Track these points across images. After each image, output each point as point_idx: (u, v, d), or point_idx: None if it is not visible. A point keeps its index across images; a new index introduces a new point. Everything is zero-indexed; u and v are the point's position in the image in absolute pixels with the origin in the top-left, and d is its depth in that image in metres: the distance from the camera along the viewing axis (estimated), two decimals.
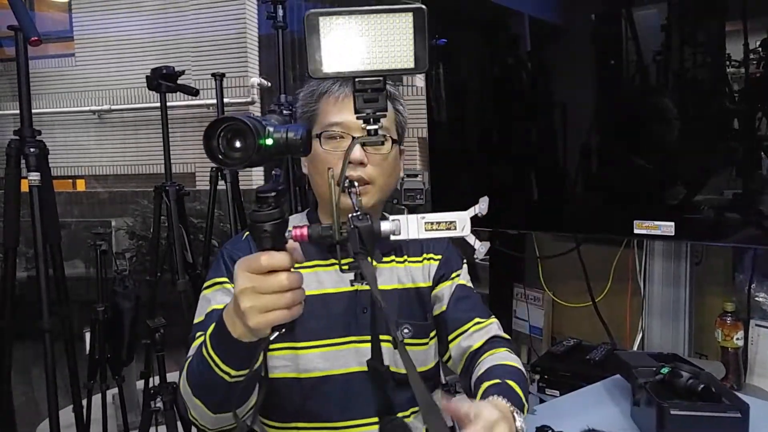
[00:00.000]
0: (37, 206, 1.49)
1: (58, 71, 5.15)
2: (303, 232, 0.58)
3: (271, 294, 0.58)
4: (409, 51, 0.53)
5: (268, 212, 0.56)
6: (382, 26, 0.53)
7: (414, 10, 0.53)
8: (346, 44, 0.53)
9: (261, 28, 4.80)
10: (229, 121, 0.52)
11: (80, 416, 1.73)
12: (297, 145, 0.54)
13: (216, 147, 0.52)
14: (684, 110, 1.40)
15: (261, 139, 0.52)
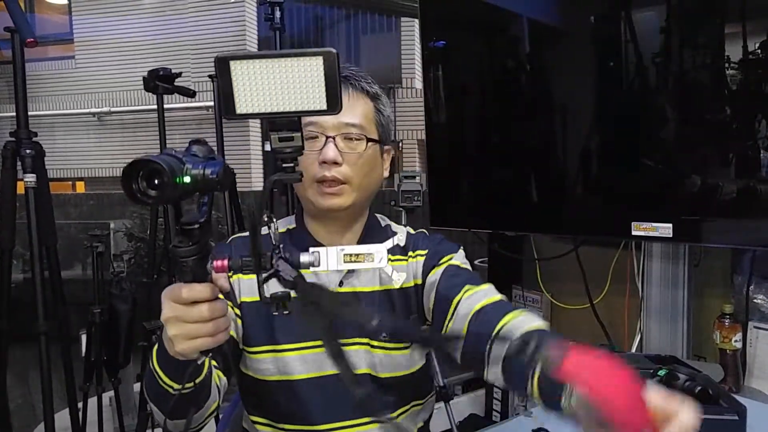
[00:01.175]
0: (33, 208, 1.49)
1: (58, 73, 5.16)
2: (224, 263, 0.60)
3: (193, 323, 0.61)
4: (321, 93, 0.55)
5: (187, 248, 0.58)
6: (293, 70, 0.54)
7: (324, 54, 0.54)
8: (257, 87, 0.54)
9: (260, 30, 4.81)
10: (146, 163, 0.53)
11: (76, 419, 1.72)
12: (213, 182, 0.55)
13: (135, 188, 0.53)
14: (683, 112, 1.40)
15: (177, 177, 0.53)
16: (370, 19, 5.31)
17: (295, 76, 0.54)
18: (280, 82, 0.54)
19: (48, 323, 1.49)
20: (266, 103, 0.55)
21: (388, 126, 0.95)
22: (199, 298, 0.60)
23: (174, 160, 0.54)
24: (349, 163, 0.88)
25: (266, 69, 0.54)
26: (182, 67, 2.02)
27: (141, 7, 4.91)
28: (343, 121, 0.87)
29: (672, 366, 0.98)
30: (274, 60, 0.54)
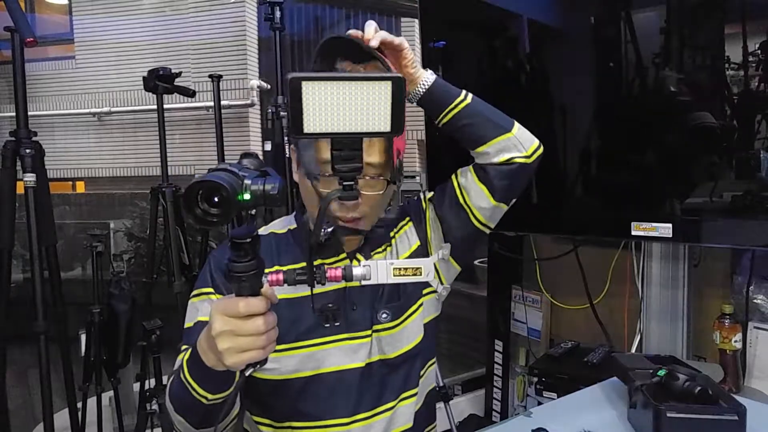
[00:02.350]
0: (33, 208, 1.49)
1: (58, 73, 5.16)
2: (279, 277, 0.61)
3: (248, 336, 0.61)
4: (386, 116, 0.57)
5: (245, 263, 0.58)
6: (362, 93, 0.56)
7: (393, 79, 0.56)
8: (326, 108, 0.56)
9: (261, 30, 4.81)
10: (206, 182, 0.53)
11: (75, 419, 1.72)
12: (274, 198, 0.56)
13: (198, 210, 0.54)
14: (682, 112, 1.40)
15: (239, 194, 0.54)
16: (370, 19, 5.31)
17: (363, 98, 0.56)
18: (348, 103, 0.56)
19: (47, 323, 1.48)
20: (333, 124, 0.56)
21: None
22: (256, 311, 0.60)
23: (231, 176, 0.55)
24: (368, 202, 0.87)
25: (336, 91, 0.55)
26: (182, 67, 2.02)
27: (141, 7, 4.90)
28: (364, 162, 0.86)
29: (672, 366, 0.97)
30: (345, 83, 0.55)
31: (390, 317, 0.92)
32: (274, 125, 2.00)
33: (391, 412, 0.93)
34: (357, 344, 0.90)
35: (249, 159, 0.61)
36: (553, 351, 1.76)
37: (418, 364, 0.96)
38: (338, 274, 0.62)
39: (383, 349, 0.92)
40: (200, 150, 4.73)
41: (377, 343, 0.91)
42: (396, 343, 0.92)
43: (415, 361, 0.95)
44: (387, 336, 0.92)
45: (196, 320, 0.87)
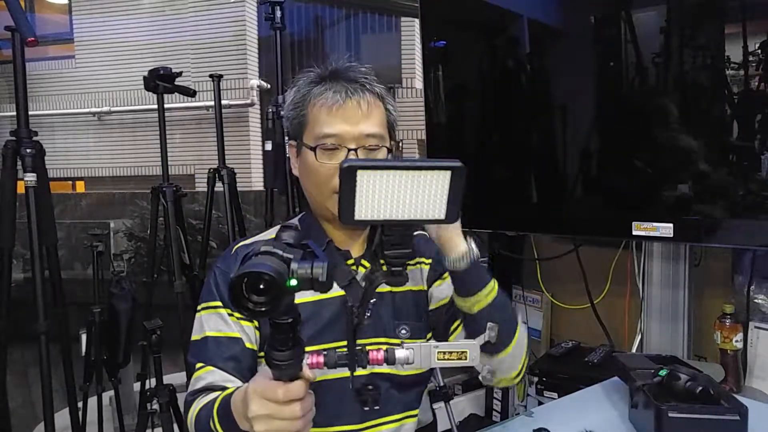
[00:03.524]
0: (34, 207, 1.49)
1: (58, 73, 5.15)
2: (319, 360, 0.60)
3: (285, 421, 0.61)
4: (442, 205, 0.55)
5: (286, 352, 0.56)
6: (420, 182, 0.54)
7: (453, 169, 0.54)
8: (380, 196, 0.54)
9: (261, 30, 4.80)
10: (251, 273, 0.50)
11: (76, 418, 1.72)
12: (323, 285, 0.52)
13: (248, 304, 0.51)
14: (683, 112, 1.40)
15: (287, 281, 0.51)
16: (371, 19, 5.30)
17: (420, 187, 0.54)
18: (404, 191, 0.54)
19: (48, 323, 1.48)
20: (386, 211, 0.55)
21: (395, 125, 0.94)
22: (295, 397, 0.60)
23: (277, 260, 0.52)
24: None
25: (393, 179, 0.53)
26: (182, 67, 2.01)
27: (141, 7, 4.90)
28: (363, 132, 0.86)
29: (673, 366, 0.98)
30: (404, 172, 0.53)
31: (408, 334, 0.91)
32: (274, 125, 2.00)
33: (398, 424, 0.92)
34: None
35: (288, 232, 0.57)
36: (554, 351, 1.76)
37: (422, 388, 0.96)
38: (380, 357, 0.61)
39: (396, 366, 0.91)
40: (200, 149, 4.73)
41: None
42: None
43: (422, 385, 0.96)
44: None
45: (203, 335, 0.87)
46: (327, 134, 0.86)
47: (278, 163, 1.98)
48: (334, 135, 0.86)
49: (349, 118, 0.86)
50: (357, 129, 0.86)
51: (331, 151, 0.86)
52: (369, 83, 0.89)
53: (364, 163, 0.53)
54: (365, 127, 0.86)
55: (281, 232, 0.58)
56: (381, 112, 0.90)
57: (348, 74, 0.90)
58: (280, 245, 0.54)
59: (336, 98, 0.86)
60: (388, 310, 0.91)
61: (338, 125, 0.86)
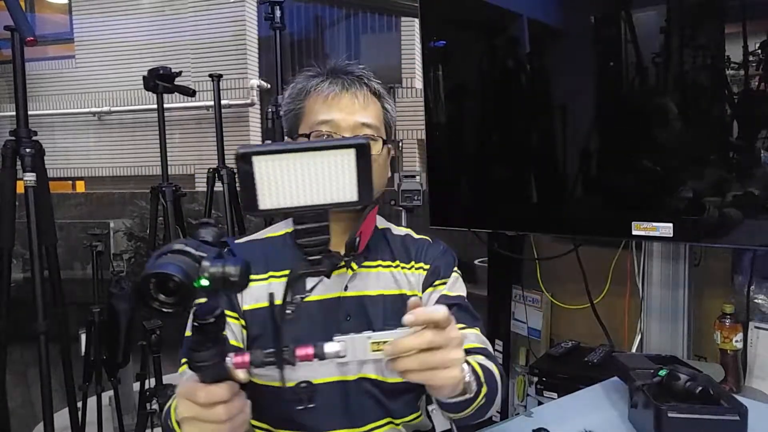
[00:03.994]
0: (33, 207, 1.49)
1: (58, 73, 5.16)
2: (245, 360, 0.56)
3: (210, 423, 0.58)
4: (352, 186, 0.52)
5: (206, 352, 0.54)
6: (323, 163, 0.51)
7: (357, 146, 0.51)
8: (283, 182, 0.51)
9: (261, 30, 4.81)
10: (157, 273, 0.48)
11: (75, 418, 1.72)
12: (236, 284, 0.50)
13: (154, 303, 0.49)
14: (683, 112, 1.40)
15: (196, 281, 0.49)
16: (370, 19, 5.31)
17: (323, 169, 0.51)
18: (308, 176, 0.51)
19: (47, 323, 1.48)
20: (292, 198, 0.51)
21: (393, 125, 0.94)
22: (217, 400, 0.57)
23: (187, 259, 0.49)
24: None
25: (293, 163, 0.50)
26: (182, 67, 2.01)
27: (141, 7, 4.90)
28: (359, 121, 0.86)
29: (672, 366, 0.97)
30: (302, 154, 0.50)
31: None
32: (274, 125, 2.00)
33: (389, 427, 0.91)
34: None
35: (207, 229, 0.55)
36: (554, 351, 1.76)
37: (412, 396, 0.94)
38: (309, 353, 0.57)
39: (383, 370, 0.89)
40: (200, 149, 4.72)
41: (375, 362, 0.88)
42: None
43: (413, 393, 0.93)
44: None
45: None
46: (322, 121, 0.85)
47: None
48: (329, 121, 0.85)
49: (345, 107, 0.85)
50: (353, 117, 0.85)
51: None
52: (367, 78, 0.89)
53: (260, 148, 0.50)
54: (361, 117, 0.86)
55: (201, 229, 0.56)
56: (378, 108, 0.89)
57: (346, 69, 0.89)
58: (195, 243, 0.52)
59: (332, 88, 0.86)
60: (378, 313, 0.89)
61: (334, 113, 0.85)
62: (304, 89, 0.89)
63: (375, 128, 0.87)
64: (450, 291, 0.93)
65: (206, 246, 0.52)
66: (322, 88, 0.87)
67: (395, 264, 0.94)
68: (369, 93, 0.88)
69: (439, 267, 0.94)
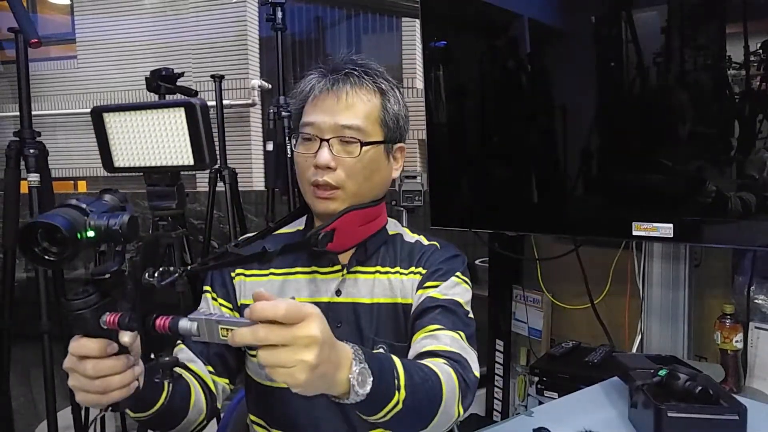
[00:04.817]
0: (37, 207, 1.50)
1: (60, 73, 5.17)
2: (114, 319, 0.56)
3: (83, 378, 0.58)
4: (186, 148, 0.52)
5: (79, 300, 0.55)
6: (159, 123, 0.52)
7: (186, 106, 0.51)
8: (130, 141, 0.53)
9: (261, 30, 4.81)
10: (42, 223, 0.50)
11: (78, 417, 1.73)
12: (116, 234, 0.52)
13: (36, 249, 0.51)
14: (684, 112, 1.41)
15: (79, 232, 0.51)
16: (371, 19, 5.31)
17: (161, 129, 0.52)
18: (149, 135, 0.53)
19: (51, 322, 1.49)
20: (142, 157, 0.54)
21: (399, 123, 0.90)
22: (86, 354, 0.57)
23: (76, 212, 0.52)
24: (344, 167, 0.84)
25: (136, 121, 0.53)
26: (183, 67, 2.03)
27: (142, 8, 4.91)
28: (339, 123, 0.83)
29: (672, 366, 0.98)
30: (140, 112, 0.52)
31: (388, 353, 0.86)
32: (275, 125, 2.01)
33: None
34: None
35: (110, 195, 0.57)
36: (554, 351, 1.76)
37: None
38: (166, 324, 0.57)
39: None
40: None
41: None
42: None
43: None
44: None
45: None
46: (305, 123, 0.85)
47: (279, 163, 1.99)
48: (311, 124, 0.85)
49: (327, 108, 0.84)
50: (333, 119, 0.83)
51: (308, 142, 0.85)
52: (359, 76, 0.86)
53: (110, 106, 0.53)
54: (342, 118, 0.83)
55: (103, 193, 0.58)
56: (370, 105, 0.85)
57: (342, 66, 0.87)
58: (89, 200, 0.54)
59: (320, 87, 0.85)
60: (370, 323, 0.87)
61: (317, 115, 0.84)
62: (302, 92, 0.88)
63: (357, 129, 0.84)
64: (441, 293, 0.87)
65: (99, 203, 0.55)
66: (314, 89, 0.86)
67: (394, 270, 0.91)
68: (360, 90, 0.85)
69: (437, 270, 0.90)
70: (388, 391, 0.65)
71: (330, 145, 0.84)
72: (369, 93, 0.86)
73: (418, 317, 0.86)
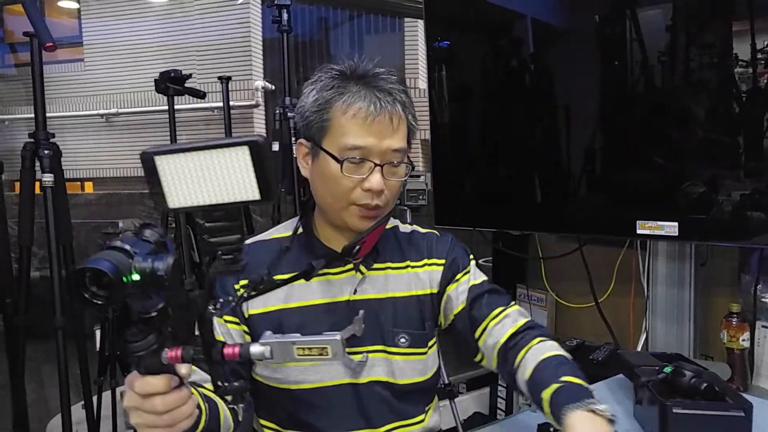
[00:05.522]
0: (51, 207, 1.52)
1: (67, 76, 5.20)
2: (177, 354, 0.58)
3: (150, 414, 0.60)
4: (252, 183, 0.52)
5: (140, 342, 0.56)
6: (220, 162, 0.52)
7: (249, 144, 0.51)
8: (186, 181, 0.52)
9: (264, 32, 4.83)
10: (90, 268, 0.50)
11: (91, 412, 1.75)
12: (161, 280, 0.52)
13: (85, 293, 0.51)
14: (690, 110, 1.41)
15: (125, 276, 0.51)
16: (374, 20, 5.33)
17: (222, 167, 0.52)
18: (208, 174, 0.52)
19: (64, 318, 1.52)
20: (198, 196, 0.52)
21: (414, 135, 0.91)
22: (152, 391, 0.58)
23: (121, 255, 0.52)
24: (389, 188, 0.86)
25: (191, 162, 0.52)
26: (189, 69, 2.04)
27: (149, 10, 4.93)
28: (390, 147, 0.84)
29: (678, 363, 0.99)
30: (199, 153, 0.51)
31: (408, 343, 0.90)
32: (281, 126, 2.02)
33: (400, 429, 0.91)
34: (358, 360, 0.88)
35: (149, 230, 0.57)
36: None
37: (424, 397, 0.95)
38: (236, 352, 0.58)
39: (393, 372, 0.90)
40: None
41: (386, 364, 0.90)
42: (409, 371, 0.91)
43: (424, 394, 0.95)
44: (400, 361, 0.90)
45: None
46: (355, 146, 0.83)
47: (285, 164, 2.00)
48: (362, 147, 0.83)
49: (378, 133, 0.83)
50: (384, 143, 0.83)
51: (357, 165, 0.83)
52: (398, 94, 0.86)
53: (161, 149, 0.52)
54: (392, 142, 0.84)
55: (143, 229, 0.58)
56: (406, 125, 0.87)
57: (379, 83, 0.85)
58: (132, 240, 0.55)
59: (370, 110, 0.83)
60: (388, 316, 0.90)
61: (367, 138, 0.83)
62: (333, 101, 0.84)
63: (403, 152, 0.86)
64: (475, 279, 0.95)
65: (143, 243, 0.55)
66: (359, 108, 0.83)
67: (404, 264, 0.94)
68: (401, 111, 0.85)
69: (456, 259, 0.95)
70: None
71: (381, 169, 0.84)
72: (404, 112, 0.87)
73: (472, 307, 0.93)
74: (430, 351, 0.94)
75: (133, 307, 0.54)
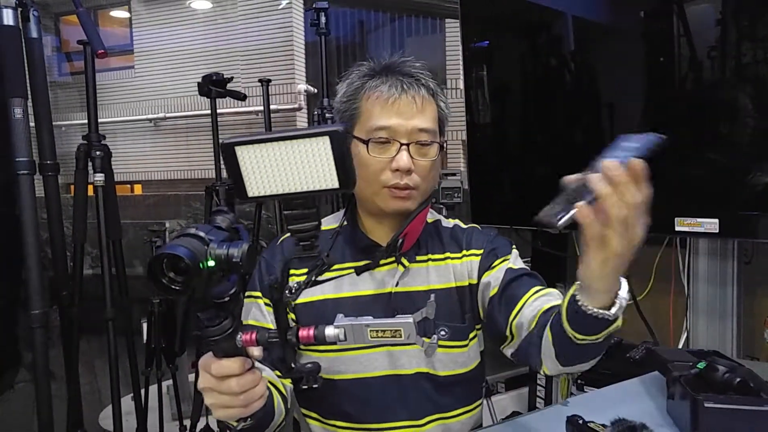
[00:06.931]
0: (102, 205, 1.62)
1: (119, 83, 5.46)
2: (252, 337, 0.60)
3: (226, 395, 0.62)
4: (332, 172, 0.53)
5: (215, 327, 0.58)
6: (301, 151, 0.53)
7: (330, 134, 0.52)
8: (266, 170, 0.53)
9: (307, 35, 4.93)
10: (167, 254, 0.52)
11: (139, 402, 1.85)
12: (236, 266, 0.54)
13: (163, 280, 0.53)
14: (734, 105, 1.37)
15: (201, 262, 0.52)
16: (414, 22, 5.35)
17: (302, 156, 0.53)
18: (288, 163, 0.53)
19: (115, 310, 1.61)
20: (277, 185, 0.54)
21: (446, 121, 0.93)
22: (228, 373, 0.60)
23: (197, 242, 0.54)
24: (418, 169, 0.87)
25: (272, 152, 0.53)
26: (233, 73, 2.12)
27: (194, 17, 5.13)
28: (416, 127, 0.85)
29: (711, 358, 0.97)
30: (280, 143, 0.52)
31: (447, 336, 0.91)
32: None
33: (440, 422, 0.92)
34: (400, 351, 0.89)
35: (221, 216, 0.59)
36: None
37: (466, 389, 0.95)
38: (310, 334, 0.60)
39: (434, 364, 0.91)
40: None
41: (427, 357, 0.90)
42: (450, 363, 0.92)
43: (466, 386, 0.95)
44: (440, 353, 0.91)
45: (245, 322, 0.91)
46: (380, 127, 0.85)
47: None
48: (387, 128, 0.85)
49: (403, 113, 0.85)
50: (410, 123, 0.85)
51: (383, 145, 0.86)
52: (424, 78, 0.88)
53: (242, 139, 0.53)
54: (418, 122, 0.85)
55: (215, 215, 0.60)
56: (433, 108, 0.89)
57: (403, 69, 0.88)
58: (207, 228, 0.56)
59: (392, 91, 0.85)
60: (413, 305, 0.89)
61: (392, 118, 0.85)
62: (360, 89, 0.88)
63: (431, 132, 0.87)
64: (514, 264, 0.93)
65: (217, 230, 0.57)
66: (381, 90, 0.86)
67: (444, 256, 0.95)
68: (426, 94, 0.87)
69: (495, 248, 0.94)
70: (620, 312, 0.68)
71: (408, 148, 0.86)
72: (431, 95, 0.89)
73: (507, 288, 0.89)
74: (471, 344, 0.94)
75: (208, 292, 0.56)
